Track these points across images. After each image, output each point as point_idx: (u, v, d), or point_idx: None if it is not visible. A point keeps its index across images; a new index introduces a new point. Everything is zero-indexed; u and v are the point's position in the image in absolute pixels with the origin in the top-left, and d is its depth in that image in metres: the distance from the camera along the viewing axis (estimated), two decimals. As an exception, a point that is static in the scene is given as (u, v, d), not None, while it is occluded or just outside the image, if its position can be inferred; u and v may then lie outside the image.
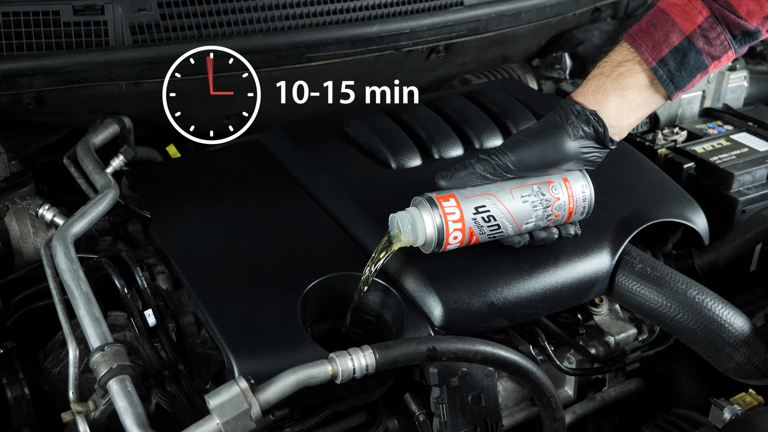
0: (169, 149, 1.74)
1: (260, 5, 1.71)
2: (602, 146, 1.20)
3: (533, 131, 1.19)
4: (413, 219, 1.15)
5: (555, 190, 1.20)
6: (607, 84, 1.17)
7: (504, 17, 1.96)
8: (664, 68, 1.15)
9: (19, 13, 1.54)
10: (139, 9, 1.62)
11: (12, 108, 1.57)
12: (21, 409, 1.18)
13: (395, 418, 1.19)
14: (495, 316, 1.22)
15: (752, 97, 1.99)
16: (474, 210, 1.16)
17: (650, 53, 1.15)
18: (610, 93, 1.17)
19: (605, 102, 1.17)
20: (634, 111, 1.19)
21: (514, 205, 1.17)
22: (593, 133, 1.18)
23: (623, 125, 1.20)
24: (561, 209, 1.20)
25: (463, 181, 1.18)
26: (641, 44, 1.15)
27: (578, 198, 1.21)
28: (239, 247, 1.30)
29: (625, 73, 1.17)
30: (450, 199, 1.16)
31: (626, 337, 1.38)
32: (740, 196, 1.59)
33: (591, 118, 1.16)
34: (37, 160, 1.69)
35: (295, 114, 1.87)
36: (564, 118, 1.18)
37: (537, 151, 1.17)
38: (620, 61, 1.17)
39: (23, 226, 1.40)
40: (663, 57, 1.14)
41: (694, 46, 1.14)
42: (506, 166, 1.17)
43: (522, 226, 1.19)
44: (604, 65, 1.19)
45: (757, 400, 1.20)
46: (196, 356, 1.25)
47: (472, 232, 1.16)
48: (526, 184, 1.19)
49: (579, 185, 1.22)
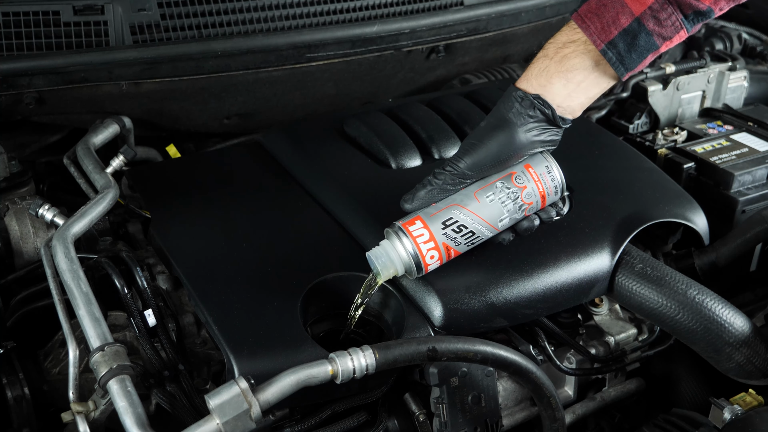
0: (169, 149, 1.74)
1: (260, 5, 1.71)
2: (555, 126, 1.17)
3: (482, 131, 1.17)
4: (387, 253, 1.15)
5: (519, 179, 1.18)
6: (550, 66, 1.14)
7: (504, 17, 1.96)
8: (613, 50, 1.11)
9: (19, 13, 1.54)
10: (139, 9, 1.62)
11: (12, 108, 1.57)
12: (21, 409, 1.18)
13: (395, 418, 1.19)
14: (495, 316, 1.22)
15: (752, 97, 1.99)
16: (442, 225, 1.15)
17: (599, 35, 1.11)
18: (553, 75, 1.14)
19: (549, 85, 1.14)
20: (583, 91, 1.16)
21: (483, 208, 1.16)
22: (541, 116, 1.15)
23: (573, 105, 1.17)
24: (531, 196, 1.19)
25: (427, 199, 1.17)
26: (590, 25, 1.12)
27: (545, 180, 1.19)
28: (239, 247, 1.30)
29: (570, 54, 1.13)
30: (416, 221, 1.15)
31: (626, 337, 1.38)
32: (740, 196, 1.59)
33: (535, 102, 1.14)
34: (37, 160, 1.69)
35: (295, 114, 1.88)
36: (508, 108, 1.15)
37: (490, 151, 1.15)
38: (565, 41, 1.14)
39: (23, 226, 1.40)
40: (612, 39, 1.11)
41: (644, 27, 1.10)
42: (463, 173, 1.16)
43: (497, 224, 1.18)
44: (549, 47, 1.15)
45: (757, 400, 1.20)
46: (196, 356, 1.25)
47: (447, 247, 1.16)
48: (488, 183, 1.17)
49: (542, 168, 1.19)
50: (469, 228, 1.16)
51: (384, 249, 1.15)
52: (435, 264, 1.16)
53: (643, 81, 1.87)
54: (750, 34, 2.25)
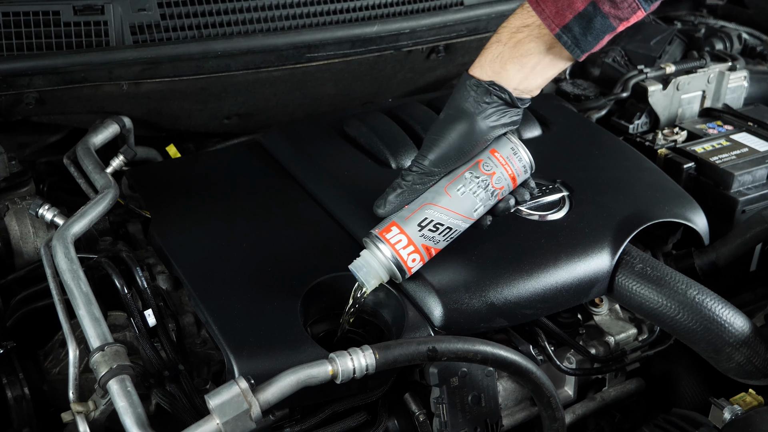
0: (169, 149, 1.74)
1: (260, 5, 1.71)
2: (515, 107, 1.15)
3: (441, 124, 1.16)
4: (368, 263, 1.15)
5: (487, 166, 1.17)
6: (504, 52, 1.12)
7: (504, 17, 1.95)
8: (568, 34, 1.09)
9: (19, 13, 1.54)
10: (139, 9, 1.62)
11: (12, 108, 1.57)
12: (21, 409, 1.18)
13: (395, 418, 1.19)
14: (495, 316, 1.22)
15: (752, 97, 1.99)
16: (418, 227, 1.15)
17: (553, 19, 1.08)
18: (507, 61, 1.12)
19: (503, 71, 1.12)
20: (539, 74, 1.14)
21: (455, 202, 1.16)
22: (499, 101, 1.14)
23: (531, 86, 1.15)
24: (501, 180, 1.18)
25: (398, 202, 1.17)
26: (544, 9, 1.08)
27: (513, 162, 1.18)
28: (239, 247, 1.30)
29: (524, 39, 1.11)
30: (392, 227, 1.15)
31: (626, 337, 1.38)
32: (740, 196, 1.59)
33: (490, 88, 1.12)
34: (37, 160, 1.69)
35: (295, 114, 1.88)
36: (464, 97, 1.14)
37: (452, 144, 1.15)
38: (519, 26, 1.11)
39: (23, 226, 1.40)
40: (567, 23, 1.08)
41: (599, 10, 1.07)
42: (430, 170, 1.15)
43: (472, 215, 1.18)
44: (502, 31, 1.13)
45: (757, 400, 1.20)
46: (196, 356, 1.25)
47: (426, 247, 1.16)
48: (457, 175, 1.17)
49: (508, 150, 1.18)
50: (445, 224, 1.16)
51: (365, 260, 1.15)
52: (417, 265, 1.17)
53: (643, 81, 1.87)
54: (750, 34, 2.25)
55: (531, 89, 1.16)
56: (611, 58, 2.04)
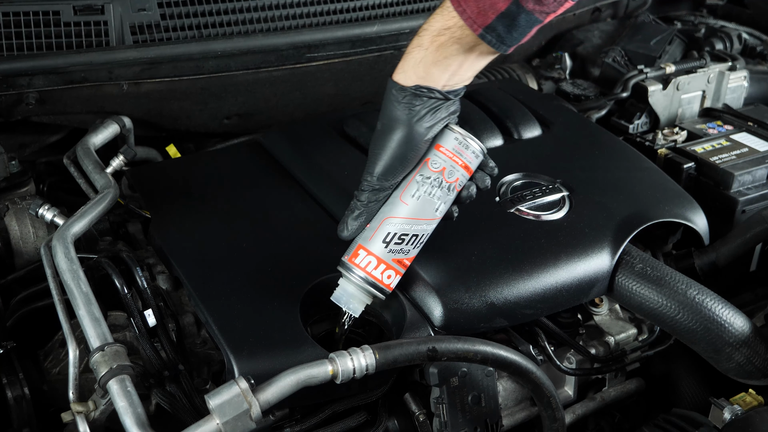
0: (169, 149, 1.74)
1: (260, 5, 1.71)
2: (448, 100, 1.12)
3: (378, 136, 1.13)
4: (347, 291, 1.14)
5: (435, 164, 1.14)
6: (427, 56, 1.08)
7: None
8: (492, 33, 1.05)
9: (19, 13, 1.54)
10: (139, 9, 1.62)
11: (12, 108, 1.57)
12: (21, 409, 1.18)
13: (395, 418, 1.19)
14: (495, 316, 1.22)
15: (752, 97, 1.99)
16: (384, 244, 1.13)
17: (475, 19, 1.04)
18: (431, 65, 1.09)
19: (428, 75, 1.09)
20: (466, 71, 1.11)
21: (413, 209, 1.14)
22: (429, 100, 1.10)
23: (461, 80, 1.12)
24: (454, 173, 1.15)
25: (358, 224, 1.15)
26: (466, 9, 1.04)
27: (461, 152, 1.15)
28: (239, 247, 1.30)
29: (446, 42, 1.07)
30: (359, 251, 1.14)
31: (626, 337, 1.38)
32: (740, 196, 1.59)
33: (417, 92, 1.10)
34: (37, 160, 1.69)
35: (295, 114, 1.88)
36: (393, 105, 1.11)
37: (393, 154, 1.12)
38: (440, 28, 1.07)
39: (23, 226, 1.40)
40: (490, 23, 1.04)
41: (523, 9, 1.03)
42: (380, 186, 1.13)
43: (435, 215, 1.15)
44: (424, 35, 1.08)
45: (757, 400, 1.20)
46: (196, 356, 1.25)
47: (397, 260, 1.14)
48: (409, 181, 1.14)
49: (452, 142, 1.14)
50: (410, 233, 1.14)
51: (343, 289, 1.14)
52: (395, 280, 1.15)
53: (643, 81, 1.87)
54: (750, 34, 2.25)
55: (462, 82, 1.13)
56: (611, 58, 2.04)
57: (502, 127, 1.59)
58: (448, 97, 1.12)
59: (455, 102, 1.14)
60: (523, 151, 1.57)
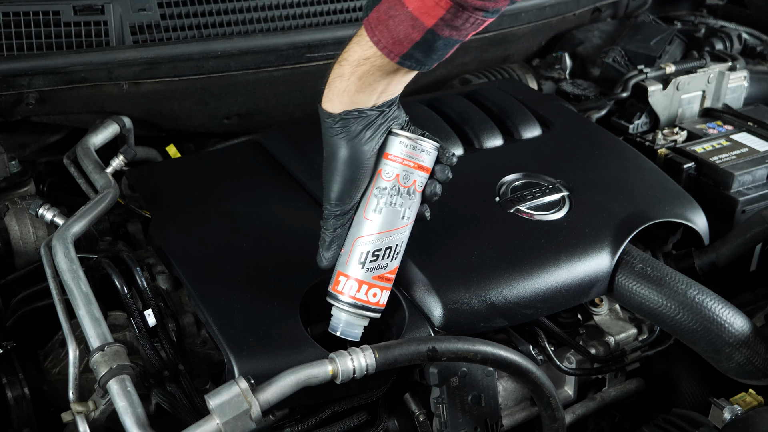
0: (169, 149, 1.74)
1: (260, 5, 1.71)
2: (383, 110, 1.10)
3: (325, 164, 1.12)
4: (341, 320, 1.13)
5: (388, 173, 1.12)
6: (350, 86, 1.07)
7: (504, 17, 1.96)
8: (410, 60, 1.04)
9: (19, 13, 1.54)
10: (139, 9, 1.62)
11: (12, 108, 1.57)
12: (21, 409, 1.18)
13: (395, 418, 1.19)
14: (495, 316, 1.22)
15: (752, 97, 1.99)
16: (360, 265, 1.12)
17: (392, 48, 1.02)
18: (355, 94, 1.07)
19: (355, 101, 1.08)
20: (394, 88, 1.10)
21: (378, 223, 1.12)
22: (363, 117, 1.09)
23: (392, 95, 1.10)
24: (410, 176, 1.12)
25: (332, 252, 1.14)
26: (381, 39, 1.02)
27: (411, 154, 1.12)
28: (239, 247, 1.30)
29: (367, 72, 1.05)
30: (339, 278, 1.13)
31: (626, 337, 1.38)
32: (740, 196, 1.59)
33: (348, 117, 1.08)
34: (37, 160, 1.69)
35: (295, 114, 1.88)
36: (330, 132, 1.10)
37: (344, 176, 1.10)
38: (359, 59, 1.05)
39: (23, 226, 1.40)
40: (406, 52, 1.02)
41: (439, 36, 1.01)
42: (341, 211, 1.12)
43: (404, 223, 1.14)
44: (345, 66, 1.06)
45: (757, 400, 1.20)
46: (196, 356, 1.25)
47: (378, 277, 1.13)
48: (368, 197, 1.13)
49: (398, 147, 1.12)
50: (382, 248, 1.12)
51: (337, 317, 1.14)
52: (384, 295, 1.14)
53: (643, 81, 1.87)
54: (750, 34, 2.25)
55: (392, 95, 1.11)
56: (611, 58, 2.04)
57: (502, 127, 1.59)
58: (381, 110, 1.10)
59: (392, 109, 1.12)
60: (523, 151, 1.57)
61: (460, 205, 1.36)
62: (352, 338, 1.13)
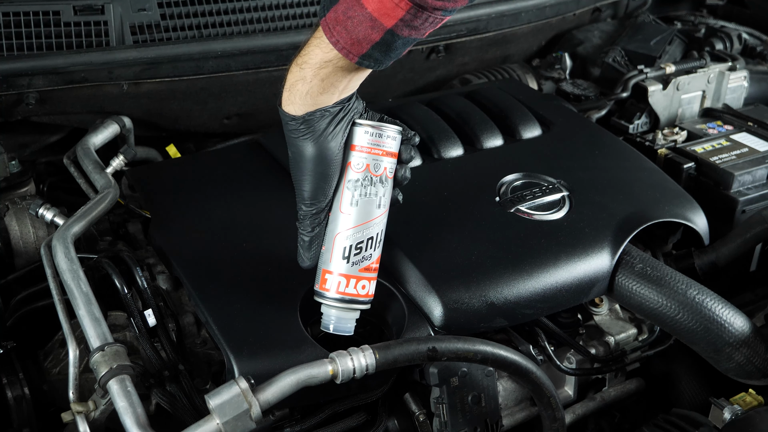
0: (169, 149, 1.74)
1: (260, 5, 1.71)
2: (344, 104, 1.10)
3: (293, 164, 1.12)
4: (332, 316, 1.13)
5: (357, 165, 1.12)
6: (312, 89, 1.07)
7: (504, 17, 1.96)
8: (369, 59, 1.04)
9: (19, 13, 1.54)
10: (139, 9, 1.62)
11: (12, 108, 1.57)
12: (21, 409, 1.18)
13: (395, 418, 1.19)
14: (495, 316, 1.22)
15: (752, 97, 1.99)
16: (343, 260, 1.12)
17: (351, 49, 1.02)
18: (318, 95, 1.07)
19: (318, 102, 1.08)
20: (355, 83, 1.10)
21: (355, 215, 1.12)
22: (327, 114, 1.09)
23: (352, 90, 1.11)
24: (380, 164, 1.12)
25: (312, 252, 1.14)
26: (339, 40, 1.02)
27: (376, 142, 1.12)
28: (239, 247, 1.30)
29: (329, 73, 1.06)
30: (325, 275, 1.13)
31: (626, 337, 1.38)
32: (740, 196, 1.59)
33: (312, 117, 1.08)
34: (37, 160, 1.69)
35: (295, 114, 1.87)
36: (294, 133, 1.10)
37: (314, 174, 1.11)
38: (320, 62, 1.05)
39: (23, 226, 1.40)
40: (365, 52, 1.03)
41: (399, 36, 1.02)
42: (315, 209, 1.12)
43: (380, 210, 1.13)
44: (306, 69, 1.06)
45: (757, 400, 1.20)
46: (196, 356, 1.25)
47: (364, 268, 1.13)
48: (341, 190, 1.13)
49: (364, 137, 1.12)
50: (363, 239, 1.12)
51: (327, 315, 1.14)
52: (371, 286, 1.14)
53: (643, 81, 1.87)
54: (750, 34, 2.26)
55: (352, 91, 1.11)
56: (611, 58, 2.04)
57: (502, 127, 1.59)
58: (342, 105, 1.10)
59: (353, 102, 1.12)
60: (523, 151, 1.57)
61: (460, 205, 1.37)
62: (345, 333, 1.13)
